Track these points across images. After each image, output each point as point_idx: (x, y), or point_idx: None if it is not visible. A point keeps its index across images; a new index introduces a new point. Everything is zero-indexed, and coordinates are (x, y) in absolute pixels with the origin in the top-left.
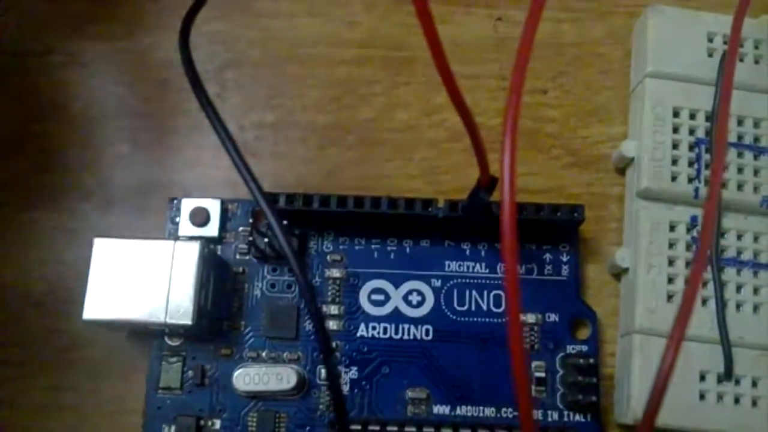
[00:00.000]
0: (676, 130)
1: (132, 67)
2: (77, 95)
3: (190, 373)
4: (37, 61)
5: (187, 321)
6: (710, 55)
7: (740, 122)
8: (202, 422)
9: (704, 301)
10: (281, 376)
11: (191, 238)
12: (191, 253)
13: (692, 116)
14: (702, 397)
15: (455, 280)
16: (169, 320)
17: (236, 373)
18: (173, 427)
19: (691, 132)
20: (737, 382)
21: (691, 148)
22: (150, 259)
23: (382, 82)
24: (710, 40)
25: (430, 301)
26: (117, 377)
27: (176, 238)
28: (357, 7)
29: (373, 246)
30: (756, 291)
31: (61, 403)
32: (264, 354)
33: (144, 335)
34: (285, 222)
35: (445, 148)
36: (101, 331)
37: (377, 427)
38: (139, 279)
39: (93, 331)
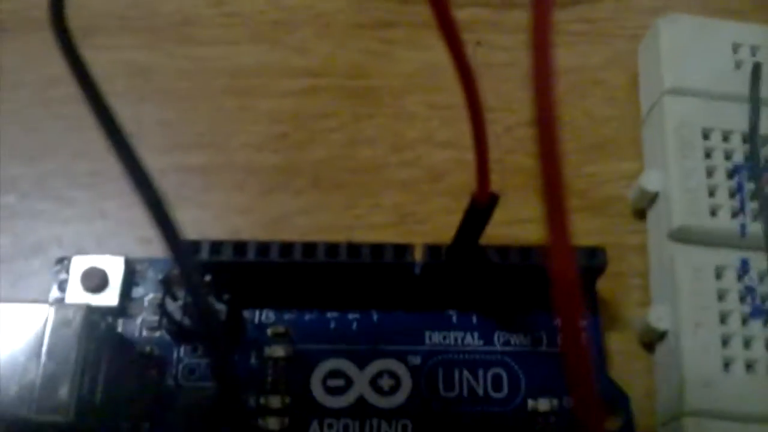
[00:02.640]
0: (708, 155)
1: (25, 104)
2: None
3: None
4: None
5: (63, 417)
6: (738, 68)
7: None
8: None
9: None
10: None
11: None
12: (72, 322)
13: (725, 138)
14: None
15: (440, 357)
16: (37, 415)
17: None
18: None
19: (727, 157)
20: None
21: (729, 175)
22: (16, 331)
23: (340, 115)
24: (735, 51)
25: (407, 386)
26: None
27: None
28: (308, 32)
29: (329, 314)
30: None
31: None
32: None
33: None
34: (208, 277)
35: (422, 191)
36: None
37: None
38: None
39: None
